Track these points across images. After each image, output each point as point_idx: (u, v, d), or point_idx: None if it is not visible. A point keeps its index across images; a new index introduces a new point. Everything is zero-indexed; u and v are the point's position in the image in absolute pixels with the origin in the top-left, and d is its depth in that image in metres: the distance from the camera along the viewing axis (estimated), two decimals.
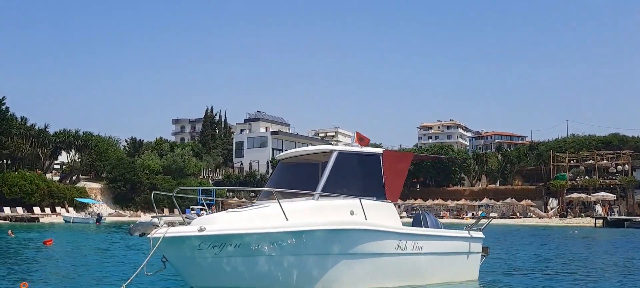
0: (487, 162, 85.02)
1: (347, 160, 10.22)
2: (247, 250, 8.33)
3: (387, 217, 9.99)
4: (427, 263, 10.36)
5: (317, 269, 8.80)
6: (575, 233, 40.09)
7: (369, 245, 9.27)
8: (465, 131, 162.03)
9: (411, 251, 9.97)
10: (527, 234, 41.40)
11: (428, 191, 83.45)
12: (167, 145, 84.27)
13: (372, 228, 9.28)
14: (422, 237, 10.30)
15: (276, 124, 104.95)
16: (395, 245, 9.68)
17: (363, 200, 9.57)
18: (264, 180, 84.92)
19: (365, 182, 10.29)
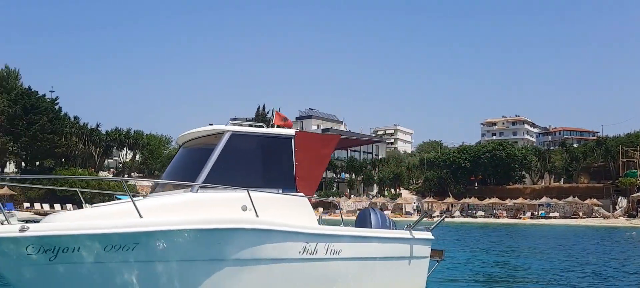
0: (550, 159, 79.67)
1: (243, 144, 8.37)
2: (79, 256, 6.51)
3: (296, 214, 8.13)
4: (349, 271, 8.39)
5: (182, 281, 6.98)
6: (632, 235, 36.05)
7: (261, 248, 7.39)
8: (532, 127, 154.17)
9: (324, 256, 7.99)
10: (571, 235, 37.67)
11: (486, 189, 79.36)
12: None
13: (264, 227, 7.36)
14: (341, 239, 8.28)
15: (328, 121, 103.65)
16: (301, 248, 7.75)
17: (262, 193, 7.82)
18: None
19: (269, 171, 8.46)
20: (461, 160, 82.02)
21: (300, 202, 8.44)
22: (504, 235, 39.38)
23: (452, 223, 59.33)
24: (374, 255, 8.72)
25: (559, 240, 33.50)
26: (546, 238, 35.23)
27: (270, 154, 8.53)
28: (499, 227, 53.16)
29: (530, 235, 38.68)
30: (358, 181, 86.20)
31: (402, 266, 9.17)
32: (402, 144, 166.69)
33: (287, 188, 8.38)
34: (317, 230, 8.09)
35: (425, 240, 9.62)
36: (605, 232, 43.33)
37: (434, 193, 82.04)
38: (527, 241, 32.80)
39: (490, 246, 28.03)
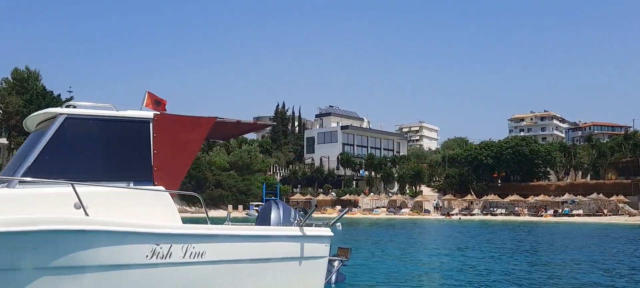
0: (575, 155, 76.85)
1: (81, 129, 7.14)
2: None
3: (151, 211, 6.99)
4: (216, 277, 7.22)
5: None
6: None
7: (89, 254, 6.19)
8: (562, 122, 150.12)
9: (181, 260, 6.82)
10: (583, 233, 35.81)
11: (508, 186, 77.05)
12: (234, 141, 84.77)
13: (90, 228, 6.15)
14: (206, 239, 7.09)
15: (348, 118, 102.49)
16: (148, 251, 6.55)
17: (104, 187, 6.74)
18: (332, 175, 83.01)
19: (116, 161, 7.27)
20: (483, 156, 79.90)
21: (158, 196, 7.20)
22: (508, 232, 37.92)
23: (470, 221, 57.76)
24: (249, 257, 7.56)
25: (566, 238, 31.95)
26: (550, 236, 33.64)
27: (119, 141, 7.34)
28: (516, 224, 51.37)
29: (542, 233, 37.02)
30: (377, 178, 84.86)
31: (290, 268, 7.97)
32: (428, 141, 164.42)
33: (140, 181, 7.20)
34: (171, 229, 6.85)
35: (320, 237, 8.37)
36: (624, 230, 41.23)
37: (455, 191, 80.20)
38: (533, 238, 31.30)
39: (475, 244, 26.81)
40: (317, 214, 68.65)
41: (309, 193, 76.43)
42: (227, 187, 71.12)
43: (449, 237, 34.64)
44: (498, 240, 30.87)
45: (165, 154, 7.44)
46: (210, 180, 70.82)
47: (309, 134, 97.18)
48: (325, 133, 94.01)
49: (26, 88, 65.24)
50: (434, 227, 46.14)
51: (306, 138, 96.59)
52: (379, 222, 56.04)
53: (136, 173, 7.25)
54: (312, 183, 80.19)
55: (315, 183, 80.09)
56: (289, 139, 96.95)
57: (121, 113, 7.45)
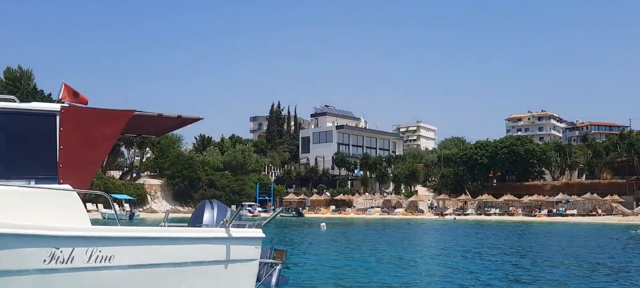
0: (570, 155, 76.54)
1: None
2: None
3: (55, 212, 6.46)
4: (126, 282, 6.68)
5: None
6: (637, 233, 33.74)
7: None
8: (559, 122, 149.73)
9: (85, 265, 6.31)
10: (564, 234, 35.54)
11: (503, 186, 76.75)
12: (228, 141, 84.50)
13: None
14: (115, 241, 6.56)
15: (344, 117, 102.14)
16: (46, 256, 6.07)
17: (1, 185, 6.24)
18: (326, 175, 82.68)
19: (14, 157, 6.75)
20: (478, 156, 79.66)
21: (63, 196, 6.63)
22: (492, 232, 37.63)
23: (464, 221, 57.48)
24: (167, 261, 6.98)
25: (544, 238, 31.73)
26: (534, 236, 33.35)
27: (21, 136, 6.80)
28: (508, 224, 51.09)
29: (527, 233, 36.75)
30: (372, 178, 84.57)
31: (215, 272, 7.44)
32: (425, 141, 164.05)
33: (43, 179, 6.67)
34: (73, 232, 6.30)
35: (249, 239, 7.80)
36: (609, 230, 40.92)
37: (450, 191, 79.94)
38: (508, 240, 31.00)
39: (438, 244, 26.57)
40: (311, 214, 68.40)
41: (303, 193, 76.12)
42: (220, 187, 70.79)
43: (432, 236, 34.41)
44: (479, 239, 30.66)
45: (73, 150, 6.91)
46: (203, 180, 70.49)
47: (304, 133, 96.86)
48: (320, 133, 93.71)
49: (18, 87, 64.90)
50: (423, 227, 45.84)
51: (301, 138, 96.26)
52: (369, 222, 55.72)
53: (39, 171, 6.74)
54: (306, 184, 79.88)
55: (309, 183, 79.76)
56: (284, 138, 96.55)
57: (24, 105, 6.98)
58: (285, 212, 65.09)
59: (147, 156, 76.38)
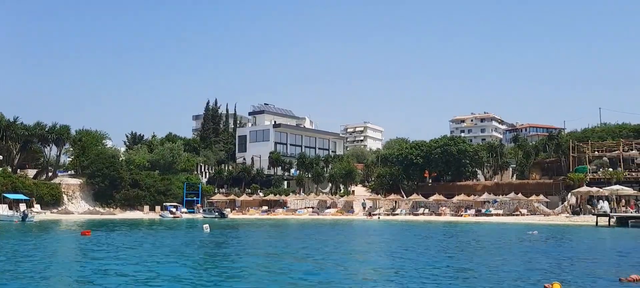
0: (502, 155, 77.08)
1: None
2: None
3: None
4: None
5: None
6: (533, 234, 33.46)
7: None
8: (500, 124, 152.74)
9: None
10: (467, 234, 35.21)
11: (438, 186, 76.53)
12: (156, 139, 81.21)
13: None
14: None
15: (284, 116, 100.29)
16: None
17: None
18: (260, 175, 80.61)
19: None
20: (413, 156, 79.30)
21: None
22: (397, 231, 36.83)
23: (393, 221, 56.64)
24: None
25: (431, 239, 31.03)
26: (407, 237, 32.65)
27: None
28: (430, 224, 50.49)
29: (432, 233, 36.03)
30: (308, 178, 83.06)
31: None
32: (372, 141, 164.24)
33: None
34: None
35: None
36: (515, 230, 40.81)
37: (386, 190, 79.31)
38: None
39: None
40: (239, 215, 66.19)
41: (235, 193, 73.78)
42: (145, 187, 67.62)
43: (330, 237, 33.12)
44: (375, 237, 29.71)
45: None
46: (126, 179, 67.19)
47: (241, 132, 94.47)
48: (257, 131, 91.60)
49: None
50: (339, 227, 44.67)
51: (238, 136, 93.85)
52: (289, 223, 54.19)
53: None
54: (239, 183, 77.54)
55: (242, 183, 77.46)
56: (220, 137, 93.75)
57: None
58: (208, 213, 62.67)
59: (68, 154, 72.55)
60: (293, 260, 19.79)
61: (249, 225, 48.89)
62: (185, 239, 30.30)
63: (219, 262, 19.98)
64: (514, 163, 78.71)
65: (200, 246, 25.81)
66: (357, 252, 23.99)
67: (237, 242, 29.04)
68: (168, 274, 16.21)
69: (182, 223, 51.26)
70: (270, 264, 18.97)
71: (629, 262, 19.25)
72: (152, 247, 25.26)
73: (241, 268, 18.09)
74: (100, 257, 20.51)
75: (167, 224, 49.55)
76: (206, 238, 31.10)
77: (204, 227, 37.86)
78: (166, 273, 16.51)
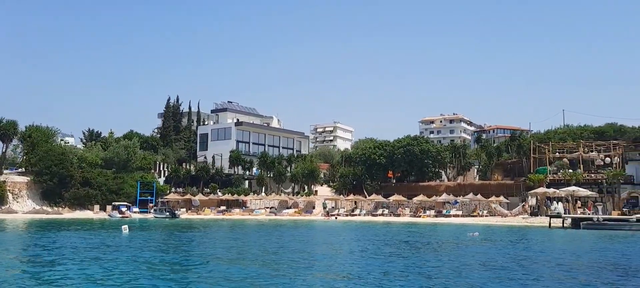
0: (465, 155, 76.51)
1: None
2: None
3: None
4: None
5: None
6: (473, 236, 32.50)
7: None
8: (469, 125, 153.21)
9: None
10: (413, 234, 34.13)
11: (401, 186, 75.57)
12: (111, 136, 78.45)
13: None
14: None
15: (247, 114, 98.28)
16: None
17: None
18: (219, 174, 78.60)
19: None
20: (376, 155, 78.23)
21: None
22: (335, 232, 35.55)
23: (351, 222, 55.31)
24: None
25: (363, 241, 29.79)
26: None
27: None
28: (387, 225, 49.28)
29: (377, 232, 34.78)
30: (270, 178, 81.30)
31: None
32: (342, 141, 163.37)
33: None
34: None
35: None
36: (464, 230, 39.89)
37: (349, 190, 78.10)
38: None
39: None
40: (193, 215, 64.05)
41: (191, 193, 71.52)
42: (96, 185, 65.01)
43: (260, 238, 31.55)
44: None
45: None
46: (77, 177, 64.50)
47: (202, 130, 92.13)
48: (219, 129, 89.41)
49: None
50: (284, 229, 43.07)
51: (199, 134, 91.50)
52: (245, 223, 52.41)
53: None
54: (197, 183, 75.32)
55: (201, 182, 75.25)
56: (181, 135, 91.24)
57: None
58: (159, 213, 60.43)
59: (19, 151, 69.47)
60: (173, 271, 17.73)
61: (198, 226, 46.94)
62: (94, 241, 28.09)
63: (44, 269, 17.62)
64: (477, 164, 78.27)
65: (85, 250, 23.43)
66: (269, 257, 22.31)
67: (141, 244, 26.50)
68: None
69: (120, 224, 49.08)
70: (140, 273, 16.74)
71: (539, 271, 18.17)
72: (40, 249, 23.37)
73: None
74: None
75: (103, 225, 47.35)
76: (113, 241, 28.53)
77: (123, 228, 35.68)
78: None
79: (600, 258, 22.00)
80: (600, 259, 21.69)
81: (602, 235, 34.39)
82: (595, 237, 33.66)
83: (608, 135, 72.81)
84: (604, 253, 24.42)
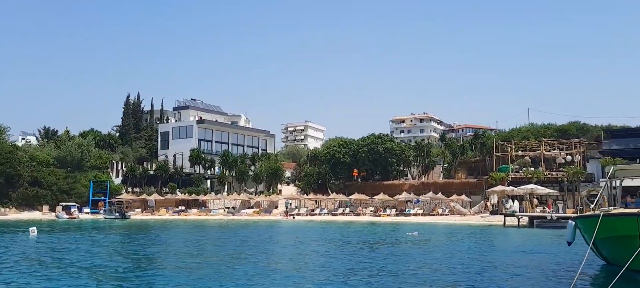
0: (429, 154, 75.71)
1: None
2: None
3: None
4: None
5: None
6: (413, 235, 31.41)
7: None
8: (439, 124, 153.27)
9: None
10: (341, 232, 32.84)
11: (366, 185, 74.40)
12: (65, 134, 75.60)
13: None
14: None
15: (211, 112, 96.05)
16: None
17: None
18: (179, 174, 76.45)
19: None
20: (341, 154, 77.02)
21: None
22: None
23: (311, 222, 53.83)
24: None
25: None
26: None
27: None
28: (345, 225, 47.92)
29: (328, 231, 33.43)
30: (232, 177, 79.40)
31: None
32: (313, 140, 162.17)
33: None
34: None
35: None
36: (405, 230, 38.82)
37: (313, 190, 76.71)
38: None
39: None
40: (147, 215, 61.82)
41: (148, 192, 69.19)
42: (46, 185, 62.31)
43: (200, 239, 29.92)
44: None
45: None
46: (25, 177, 61.75)
47: (163, 128, 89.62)
48: (180, 128, 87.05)
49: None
50: (231, 230, 41.46)
51: (160, 133, 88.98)
52: (199, 224, 50.51)
53: None
54: (156, 182, 72.99)
55: (159, 182, 72.94)
56: (142, 133, 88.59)
57: None
58: (108, 214, 58.08)
59: None
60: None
61: (147, 227, 44.93)
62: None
63: None
64: (441, 163, 77.55)
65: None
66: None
67: (32, 251, 24.02)
68: None
69: (68, 225, 46.83)
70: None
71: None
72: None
73: None
74: None
75: (48, 225, 45.05)
76: (8, 246, 26.23)
77: (30, 231, 33.48)
78: None
79: (509, 257, 21.48)
80: (508, 258, 21.14)
81: (551, 234, 33.54)
82: (543, 236, 32.86)
83: (571, 133, 72.83)
84: (521, 251, 24.02)
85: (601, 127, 74.52)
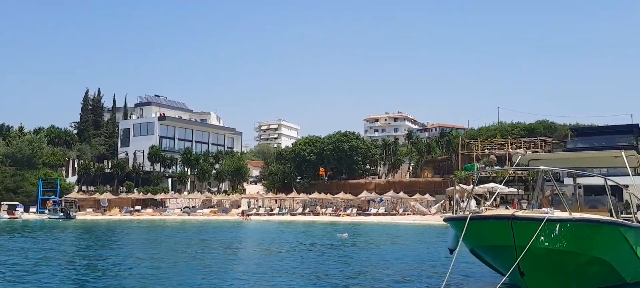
0: (396, 152, 74.16)
1: None
2: None
3: None
4: None
5: None
6: (342, 237, 29.70)
7: None
8: (413, 124, 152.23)
9: None
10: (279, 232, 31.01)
11: (332, 184, 72.59)
12: (15, 131, 72.38)
13: None
14: None
15: (175, 109, 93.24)
16: None
17: None
18: (137, 172, 73.69)
19: None
20: (306, 152, 75.09)
21: None
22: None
23: (267, 222, 51.73)
24: None
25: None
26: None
27: None
28: (305, 224, 45.93)
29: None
30: (193, 175, 76.90)
31: None
32: (287, 139, 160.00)
33: None
34: None
35: None
36: (330, 231, 36.98)
37: (278, 189, 74.71)
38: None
39: None
40: (97, 215, 59.08)
41: (102, 191, 66.36)
42: None
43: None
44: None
45: None
46: None
47: (124, 125, 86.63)
48: (142, 124, 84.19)
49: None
50: (169, 231, 39.19)
51: (121, 129, 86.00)
52: (152, 224, 48.03)
53: None
54: (111, 181, 70.11)
55: (115, 180, 70.09)
56: (102, 130, 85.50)
57: None
58: (52, 213, 55.29)
59: None
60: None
61: (88, 228, 42.30)
62: None
63: None
64: (408, 162, 76.11)
65: None
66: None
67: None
68: None
69: (9, 225, 44.00)
70: None
71: None
72: None
73: None
74: None
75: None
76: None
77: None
78: None
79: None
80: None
81: None
82: None
83: (538, 132, 71.86)
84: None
85: (569, 126, 73.75)
